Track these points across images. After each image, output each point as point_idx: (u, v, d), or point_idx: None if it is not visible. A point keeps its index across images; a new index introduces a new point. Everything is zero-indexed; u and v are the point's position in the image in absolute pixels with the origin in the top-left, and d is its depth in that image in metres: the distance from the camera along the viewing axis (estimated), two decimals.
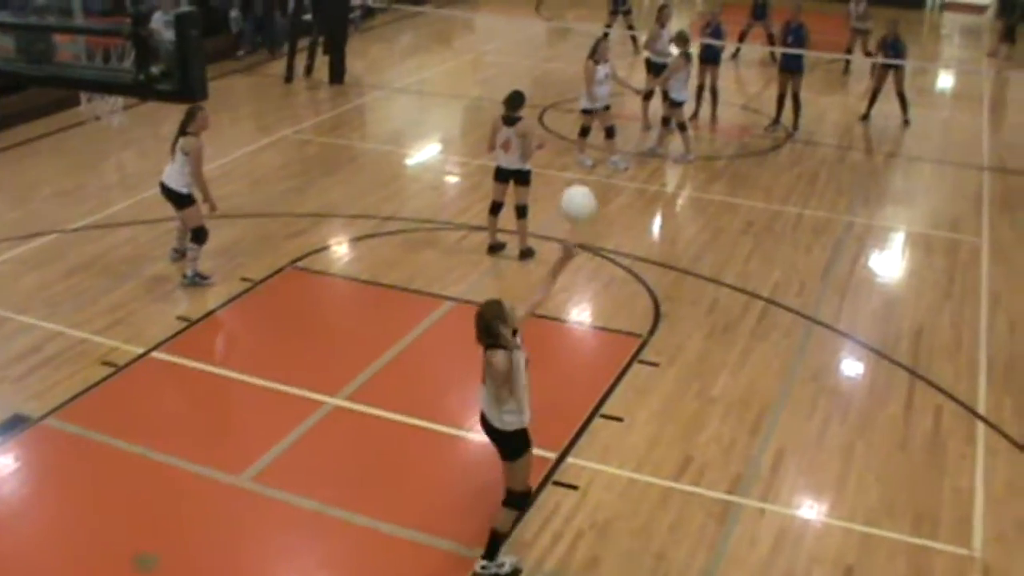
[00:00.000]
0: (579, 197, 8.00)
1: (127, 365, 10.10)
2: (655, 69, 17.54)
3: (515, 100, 12.29)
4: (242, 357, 10.51)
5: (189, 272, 11.77)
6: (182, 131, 11.31)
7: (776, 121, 18.46)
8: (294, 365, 10.18)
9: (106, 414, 9.37)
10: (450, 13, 28.08)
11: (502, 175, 12.47)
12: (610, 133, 15.87)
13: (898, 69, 18.53)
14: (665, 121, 16.56)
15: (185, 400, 9.85)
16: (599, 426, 9.38)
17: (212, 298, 11.49)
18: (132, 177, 15.02)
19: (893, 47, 18.46)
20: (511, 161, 12.33)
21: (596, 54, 15.46)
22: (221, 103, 18.62)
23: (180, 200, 11.53)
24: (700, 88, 17.91)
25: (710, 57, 18.41)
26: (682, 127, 16.44)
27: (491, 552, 7.58)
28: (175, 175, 11.40)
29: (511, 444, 7.41)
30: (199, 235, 11.66)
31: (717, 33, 18.52)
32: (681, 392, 9.95)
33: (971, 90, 22.73)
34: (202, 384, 9.99)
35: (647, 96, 17.70)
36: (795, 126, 18.27)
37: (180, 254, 12.11)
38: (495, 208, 12.63)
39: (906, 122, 18.90)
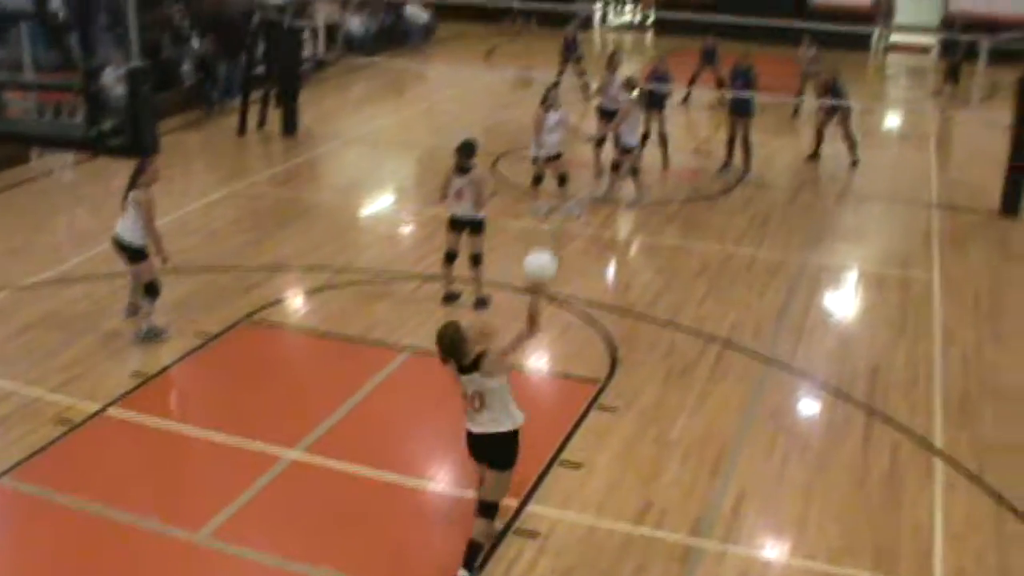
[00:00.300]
0: (540, 261, 8.08)
1: (82, 423, 9.97)
2: (607, 115, 17.66)
3: (467, 149, 12.31)
4: (198, 412, 10.41)
5: (144, 327, 11.66)
6: (132, 184, 11.25)
7: (727, 164, 18.63)
8: (251, 419, 10.09)
9: (62, 473, 9.23)
10: (402, 64, 28.18)
11: (456, 224, 12.49)
12: (563, 180, 15.96)
13: (843, 111, 18.77)
14: (616, 167, 16.65)
15: (142, 457, 9.73)
16: (559, 473, 9.35)
17: (167, 353, 11.39)
18: (84, 233, 14.91)
19: (834, 90, 18.72)
20: (465, 210, 12.35)
21: (547, 101, 15.58)
22: (174, 157, 18.59)
23: (133, 254, 11.44)
24: (645, 135, 17.96)
25: (655, 103, 18.56)
26: (634, 172, 16.54)
27: (470, 563, 7.70)
28: (128, 228, 11.32)
29: (511, 446, 7.71)
30: (151, 290, 11.58)
31: (663, 79, 18.70)
32: (640, 436, 9.95)
33: (918, 129, 23.09)
34: (159, 441, 9.88)
35: (599, 143, 17.81)
36: (746, 168, 18.44)
37: (134, 309, 11.96)
38: (450, 257, 12.62)
39: (854, 163, 19.12)
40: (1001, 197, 16.87)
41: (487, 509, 7.74)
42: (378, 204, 16.98)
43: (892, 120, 24.58)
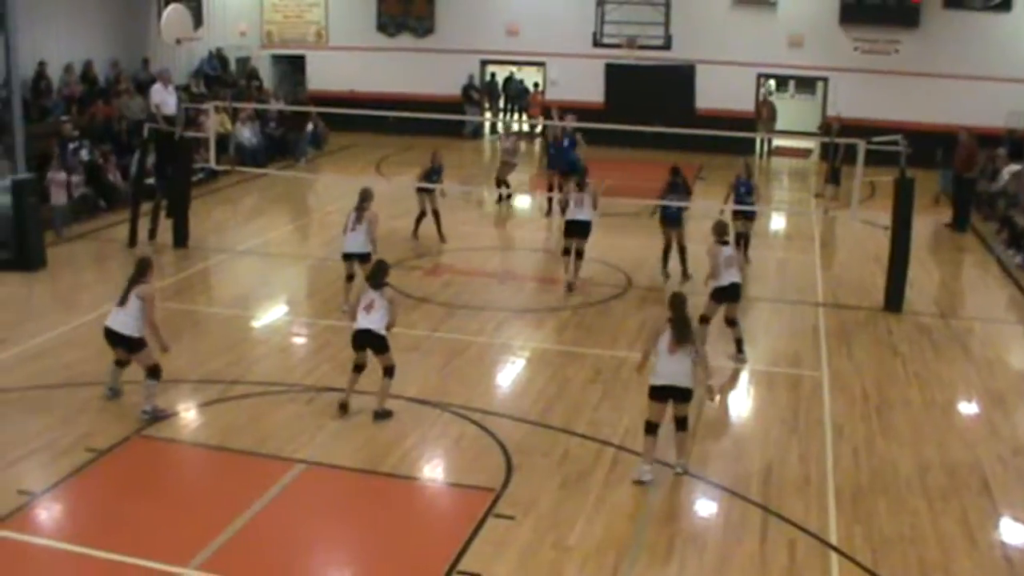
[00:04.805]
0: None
1: None
2: None
3: (380, 271, 12.49)
4: (89, 530, 10.11)
5: (148, 408, 12.21)
6: (135, 281, 12.15)
7: (666, 272, 18.95)
8: (143, 536, 9.84)
9: None
10: (292, 175, 28.23)
11: (360, 339, 12.37)
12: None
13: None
14: None
15: None
16: None
17: (55, 470, 11.08)
18: None
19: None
20: (372, 322, 12.23)
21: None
22: (63, 269, 18.36)
23: (132, 345, 12.18)
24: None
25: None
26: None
27: None
28: (128, 322, 12.08)
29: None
30: (155, 372, 12.26)
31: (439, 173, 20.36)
32: (538, 544, 9.90)
33: (802, 230, 23.69)
34: (47, 561, 9.58)
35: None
36: (684, 274, 18.63)
37: (115, 392, 12.71)
38: (358, 368, 12.57)
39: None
40: (884, 294, 17.34)
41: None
42: (270, 316, 16.87)
43: (778, 222, 25.17)
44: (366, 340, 12.32)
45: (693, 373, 11.02)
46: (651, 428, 11.06)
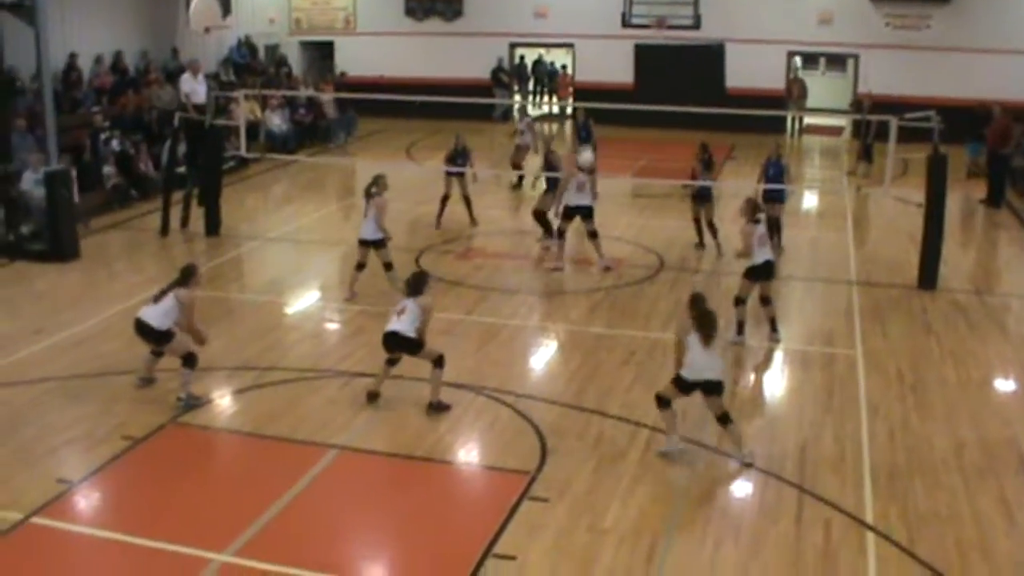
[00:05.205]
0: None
1: (6, 532, 9.72)
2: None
3: (417, 281, 12.43)
4: (126, 518, 10.19)
5: (183, 395, 12.37)
6: (180, 283, 12.37)
7: (701, 244, 19.38)
8: (180, 522, 9.92)
9: None
10: (323, 160, 28.30)
11: (389, 342, 12.23)
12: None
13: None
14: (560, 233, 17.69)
15: (68, 566, 9.49)
16: (492, 566, 9.25)
17: (93, 458, 11.17)
18: (4, 337, 14.66)
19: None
20: (401, 324, 12.06)
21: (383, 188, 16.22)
22: (96, 259, 18.47)
23: (160, 336, 12.28)
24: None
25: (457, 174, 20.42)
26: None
27: None
28: (158, 316, 12.20)
29: None
30: (190, 360, 12.37)
31: (464, 156, 20.46)
32: (573, 526, 9.90)
33: (835, 209, 23.55)
34: (85, 548, 9.67)
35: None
36: (719, 251, 19.03)
37: (146, 382, 12.83)
38: (391, 361, 12.48)
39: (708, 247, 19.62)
40: (918, 271, 17.23)
41: None
42: (303, 302, 16.93)
43: (810, 200, 25.05)
44: (395, 343, 12.20)
45: (723, 366, 11.02)
46: (665, 403, 11.07)
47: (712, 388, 10.98)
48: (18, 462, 11.05)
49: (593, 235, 17.89)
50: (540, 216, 18.86)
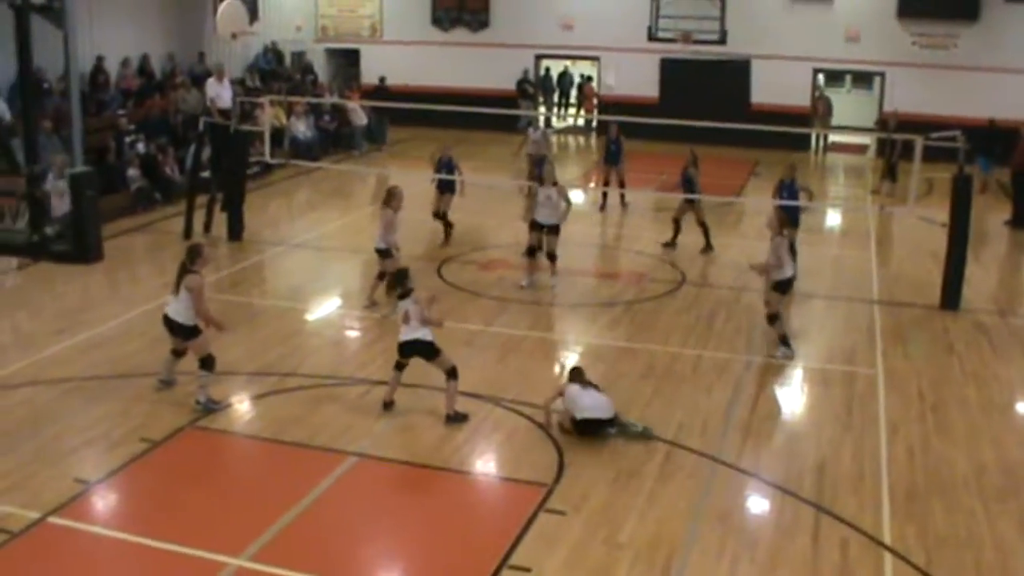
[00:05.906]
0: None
1: (23, 531, 9.76)
2: None
3: (398, 281, 12.32)
4: (142, 520, 10.21)
5: (201, 398, 12.39)
6: (185, 269, 12.18)
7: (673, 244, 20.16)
8: (196, 526, 9.94)
9: None
10: (346, 168, 28.36)
11: (406, 351, 12.28)
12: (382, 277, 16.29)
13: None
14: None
15: (83, 567, 9.53)
16: None
17: (111, 459, 11.21)
18: (27, 337, 14.76)
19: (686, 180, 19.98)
20: (411, 331, 12.08)
21: (393, 201, 16.23)
22: (119, 261, 18.55)
23: (187, 332, 12.31)
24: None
25: (446, 186, 20.42)
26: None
27: None
28: (181, 310, 12.21)
29: None
30: (208, 363, 12.33)
31: (449, 167, 20.35)
32: (588, 540, 9.87)
33: (858, 227, 23.45)
34: (101, 549, 9.70)
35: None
36: (708, 247, 19.87)
37: (166, 384, 12.86)
38: (399, 366, 12.51)
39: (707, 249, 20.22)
40: (941, 291, 17.14)
41: None
42: (324, 309, 16.96)
43: (833, 218, 24.97)
44: (412, 350, 12.21)
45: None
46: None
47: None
48: (37, 461, 11.10)
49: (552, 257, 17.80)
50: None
